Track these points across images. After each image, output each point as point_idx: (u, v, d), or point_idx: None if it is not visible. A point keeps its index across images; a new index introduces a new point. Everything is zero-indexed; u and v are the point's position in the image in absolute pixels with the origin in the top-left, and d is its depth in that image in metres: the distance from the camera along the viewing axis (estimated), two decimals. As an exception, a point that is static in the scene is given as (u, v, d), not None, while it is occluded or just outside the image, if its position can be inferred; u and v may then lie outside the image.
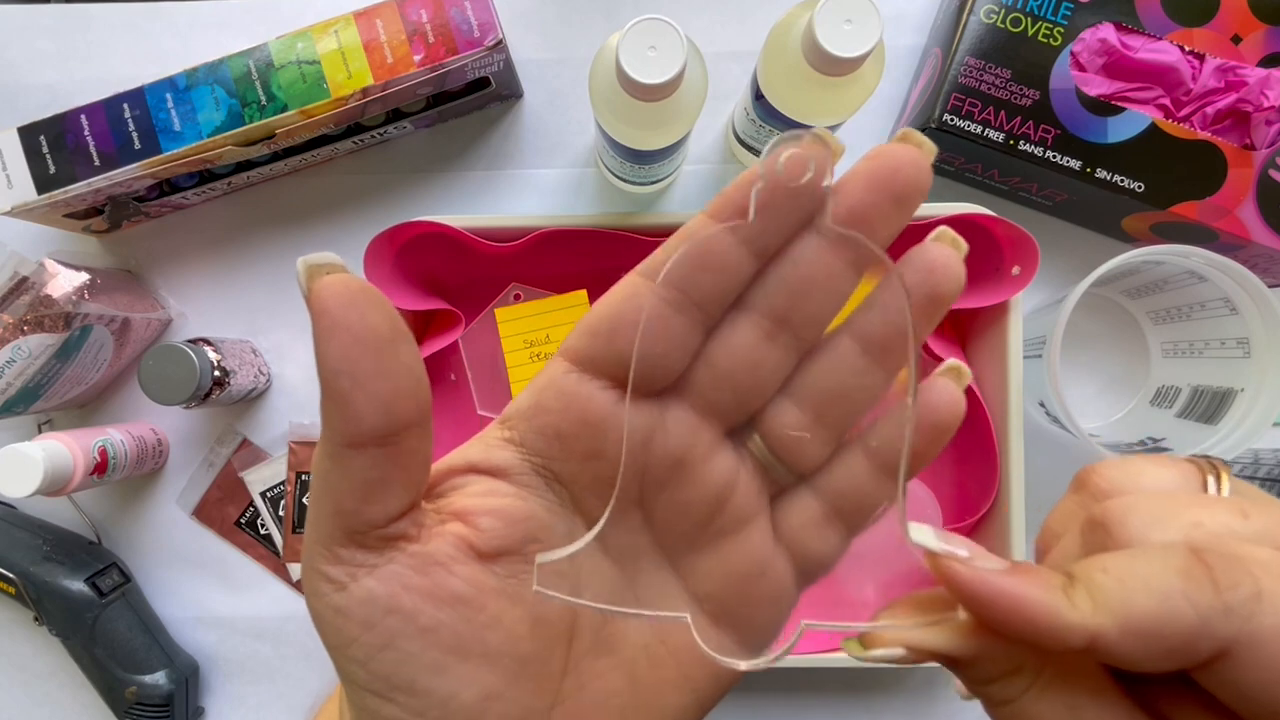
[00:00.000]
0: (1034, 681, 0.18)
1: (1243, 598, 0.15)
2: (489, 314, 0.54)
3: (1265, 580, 0.15)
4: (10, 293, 0.48)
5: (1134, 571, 0.16)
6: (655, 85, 0.38)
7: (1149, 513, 0.18)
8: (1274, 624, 0.15)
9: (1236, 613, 0.15)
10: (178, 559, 0.58)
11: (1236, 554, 0.16)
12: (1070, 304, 0.46)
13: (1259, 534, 0.17)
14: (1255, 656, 0.15)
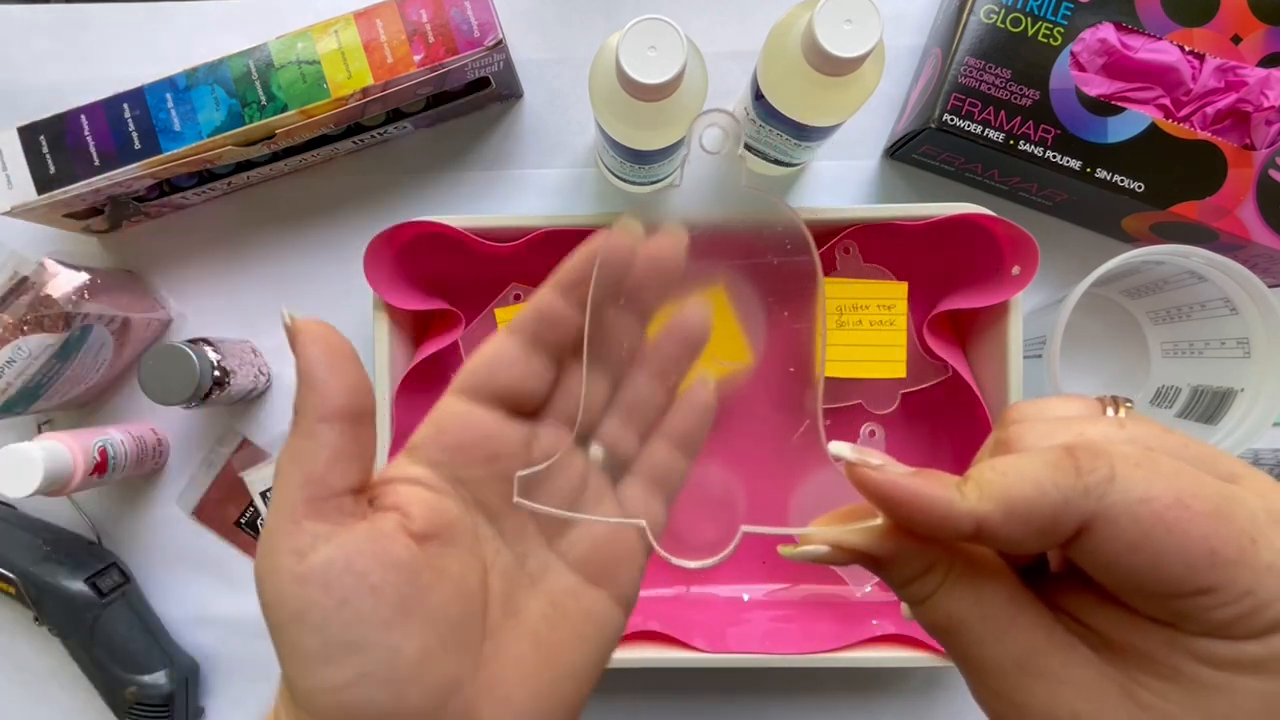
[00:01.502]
0: (945, 578, 0.21)
1: (1098, 479, 0.18)
2: (489, 314, 0.54)
3: (1120, 466, 0.18)
4: (10, 293, 0.48)
5: (1014, 466, 0.19)
6: (655, 85, 0.38)
7: (1043, 430, 0.21)
8: (1124, 500, 0.18)
9: (1093, 492, 0.18)
10: (178, 559, 0.58)
11: (1099, 447, 0.19)
12: (1070, 304, 0.46)
13: (1131, 438, 0.20)
14: (1109, 529, 0.18)
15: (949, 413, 0.54)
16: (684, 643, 0.50)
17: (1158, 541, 0.18)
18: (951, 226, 0.49)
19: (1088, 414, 0.22)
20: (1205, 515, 0.18)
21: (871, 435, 0.54)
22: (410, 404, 0.51)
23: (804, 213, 0.51)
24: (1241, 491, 0.19)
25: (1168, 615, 0.19)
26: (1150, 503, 0.18)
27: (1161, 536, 0.18)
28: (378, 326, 0.50)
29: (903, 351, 0.51)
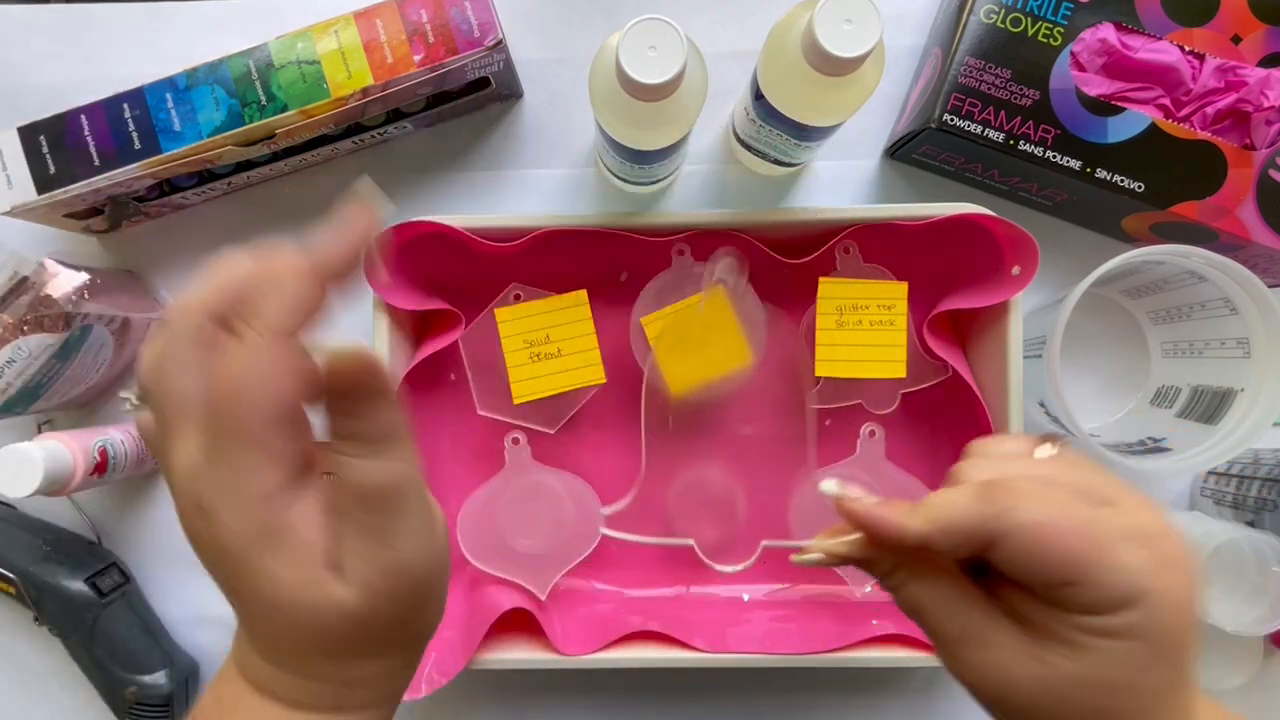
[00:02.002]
0: (911, 574, 0.29)
1: (1002, 509, 0.26)
2: (489, 314, 0.54)
3: (1018, 499, 0.26)
4: (10, 293, 0.48)
5: (949, 497, 0.28)
6: (655, 85, 0.38)
7: (981, 466, 0.30)
8: (1018, 523, 0.26)
9: (998, 518, 0.26)
10: (178, 559, 0.58)
11: (1009, 484, 0.27)
12: (1070, 304, 0.46)
13: (1039, 474, 0.28)
14: (1008, 542, 0.26)
15: (949, 413, 0.54)
16: (684, 643, 0.50)
17: (1039, 550, 0.26)
18: (951, 226, 0.49)
19: (1021, 452, 0.30)
20: (1071, 533, 0.26)
21: (871, 435, 0.54)
22: (410, 404, 0.51)
23: (804, 213, 0.51)
24: (1107, 513, 0.26)
25: (1055, 599, 0.26)
26: (1035, 525, 0.26)
27: (1041, 547, 0.26)
28: (378, 326, 0.50)
29: (903, 351, 0.51)
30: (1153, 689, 0.26)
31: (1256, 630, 0.46)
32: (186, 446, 0.25)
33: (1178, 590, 0.26)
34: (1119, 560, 0.25)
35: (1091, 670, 0.26)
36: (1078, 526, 0.26)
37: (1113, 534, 0.26)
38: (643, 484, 0.54)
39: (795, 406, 0.55)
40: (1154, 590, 0.25)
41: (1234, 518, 0.53)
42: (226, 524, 0.25)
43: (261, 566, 0.25)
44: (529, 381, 0.51)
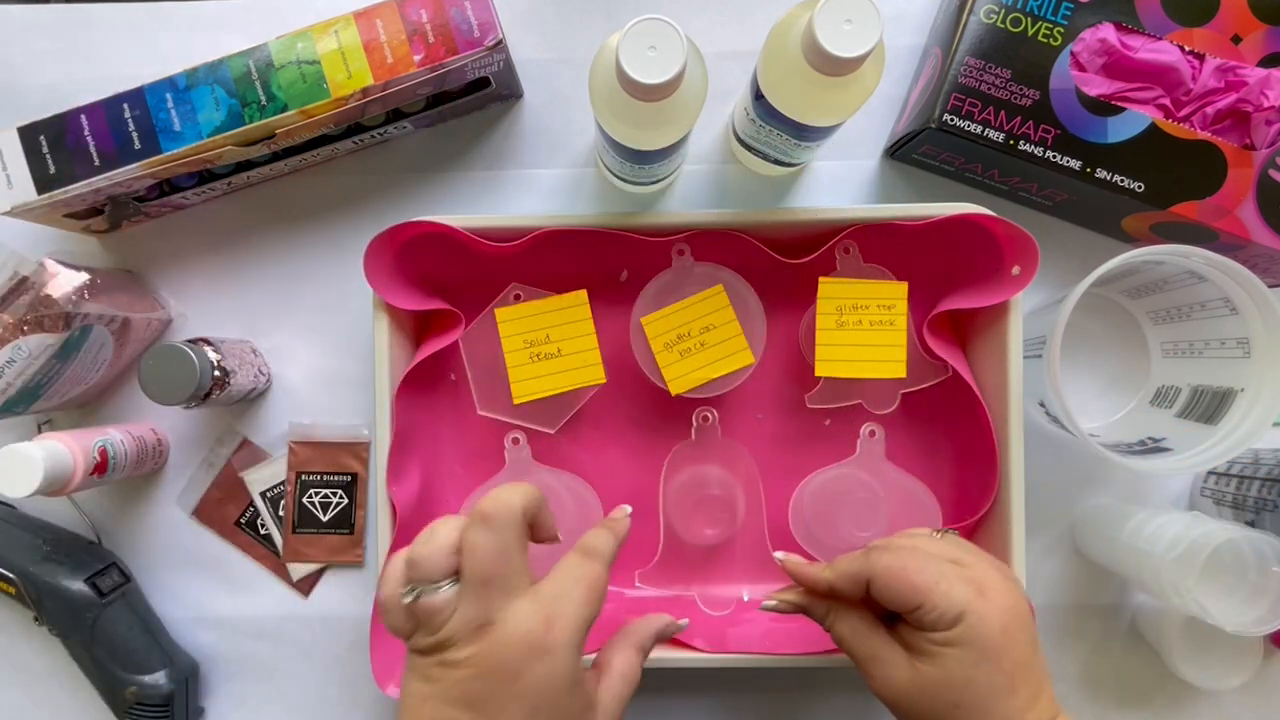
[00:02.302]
0: (837, 616, 0.42)
1: (875, 558, 0.39)
2: (489, 314, 0.54)
3: (884, 552, 0.39)
4: (10, 293, 0.48)
5: (848, 556, 0.41)
6: (655, 85, 0.38)
7: (885, 541, 0.42)
8: (880, 568, 0.38)
9: (872, 564, 0.39)
10: (178, 559, 0.58)
11: (884, 544, 0.41)
12: (1070, 304, 0.46)
13: (905, 544, 0.40)
14: (876, 581, 0.39)
15: (949, 413, 0.54)
16: (684, 643, 0.50)
17: (894, 584, 0.38)
18: (951, 226, 0.49)
19: (919, 533, 0.42)
20: (916, 571, 0.38)
21: (872, 435, 0.54)
22: (410, 404, 0.51)
23: (804, 213, 0.51)
24: (949, 565, 0.38)
25: (914, 622, 0.38)
26: (889, 567, 0.38)
27: (895, 581, 0.38)
28: (378, 326, 0.50)
29: (903, 351, 0.51)
30: (985, 683, 0.36)
31: (1256, 630, 0.46)
32: (522, 612, 0.35)
33: (993, 614, 0.36)
34: (950, 590, 0.37)
35: (941, 672, 0.37)
36: (921, 568, 0.38)
37: (946, 574, 0.38)
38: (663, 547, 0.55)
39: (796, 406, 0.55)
40: (972, 611, 0.36)
41: (1234, 518, 0.53)
42: (557, 673, 0.35)
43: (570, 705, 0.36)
44: (529, 381, 0.51)
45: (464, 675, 0.34)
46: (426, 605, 0.35)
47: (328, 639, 0.58)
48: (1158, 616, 0.54)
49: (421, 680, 0.35)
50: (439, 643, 0.35)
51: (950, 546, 0.40)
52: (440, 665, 0.35)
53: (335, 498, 0.57)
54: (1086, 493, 0.57)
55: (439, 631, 0.35)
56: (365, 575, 0.57)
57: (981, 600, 0.37)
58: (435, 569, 0.35)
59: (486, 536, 0.35)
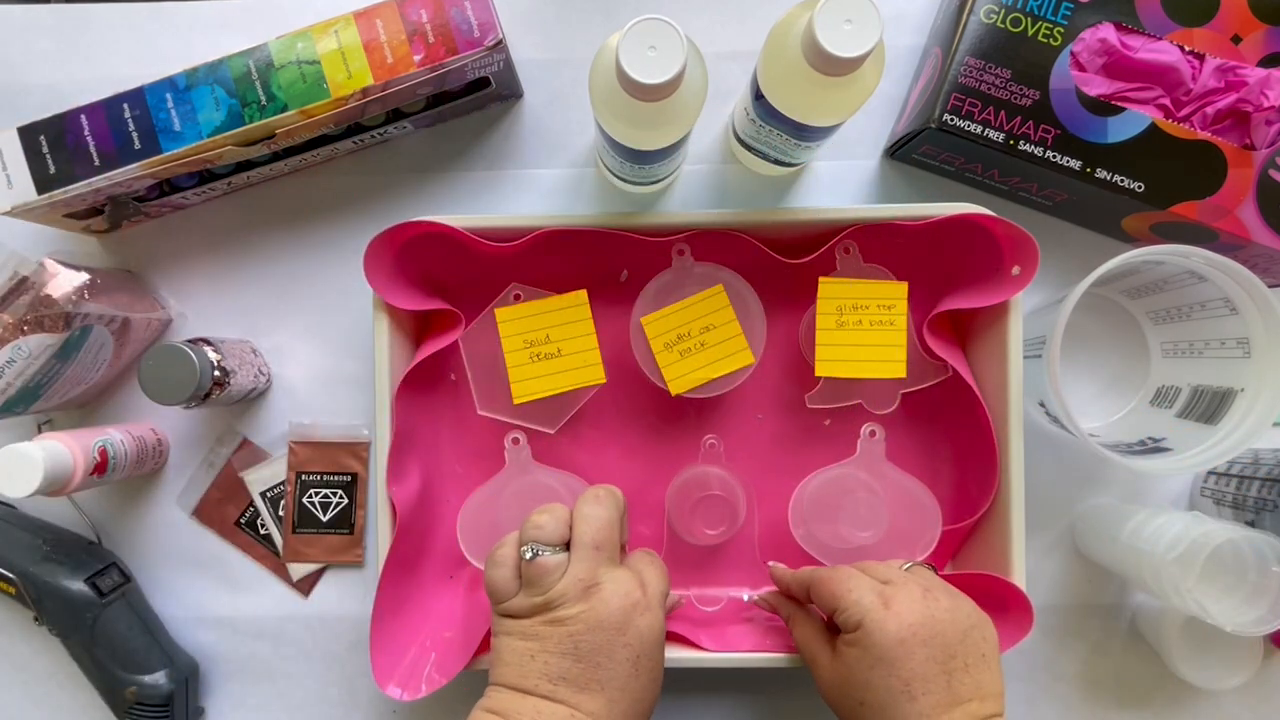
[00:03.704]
0: (795, 621, 0.48)
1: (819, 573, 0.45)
2: (489, 314, 0.54)
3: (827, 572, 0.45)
4: (10, 293, 0.48)
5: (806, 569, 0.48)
6: (655, 85, 0.38)
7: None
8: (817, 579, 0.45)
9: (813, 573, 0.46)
10: (178, 559, 0.58)
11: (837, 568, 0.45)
12: (1070, 304, 0.46)
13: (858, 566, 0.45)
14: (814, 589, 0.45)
15: (949, 413, 0.54)
16: (684, 643, 0.50)
17: (820, 590, 0.44)
18: (951, 226, 0.49)
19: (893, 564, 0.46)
20: (838, 581, 0.43)
21: (872, 435, 0.54)
22: (410, 404, 0.51)
23: (804, 213, 0.51)
24: (870, 580, 0.43)
25: (837, 625, 0.43)
26: (822, 578, 0.44)
27: (822, 588, 0.44)
28: (378, 326, 0.50)
29: (903, 351, 0.51)
30: (881, 686, 0.40)
31: (1256, 630, 0.46)
32: (622, 575, 0.42)
33: (891, 624, 0.40)
34: (860, 599, 0.42)
35: (846, 670, 0.42)
36: (845, 579, 0.43)
37: (861, 586, 0.42)
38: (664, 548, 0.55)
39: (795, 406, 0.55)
40: (870, 619, 0.41)
41: (1234, 518, 0.53)
42: (654, 626, 0.42)
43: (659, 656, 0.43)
44: (529, 381, 0.51)
45: (575, 630, 0.40)
46: (543, 564, 0.41)
47: (328, 639, 0.58)
48: (1158, 616, 0.54)
49: (524, 639, 0.40)
50: (548, 601, 0.40)
51: (889, 570, 0.44)
52: (548, 623, 0.40)
53: (335, 498, 0.57)
54: (1086, 493, 0.57)
55: (549, 590, 0.40)
56: (365, 575, 0.57)
57: (882, 610, 0.41)
58: (554, 534, 0.42)
59: (599, 510, 0.43)
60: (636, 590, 0.41)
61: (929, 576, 0.44)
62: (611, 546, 0.42)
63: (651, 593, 0.42)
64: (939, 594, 0.42)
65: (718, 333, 0.50)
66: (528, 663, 0.40)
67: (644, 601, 0.41)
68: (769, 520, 0.55)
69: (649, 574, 0.43)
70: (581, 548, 0.42)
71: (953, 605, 0.42)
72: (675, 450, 0.55)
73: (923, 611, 0.40)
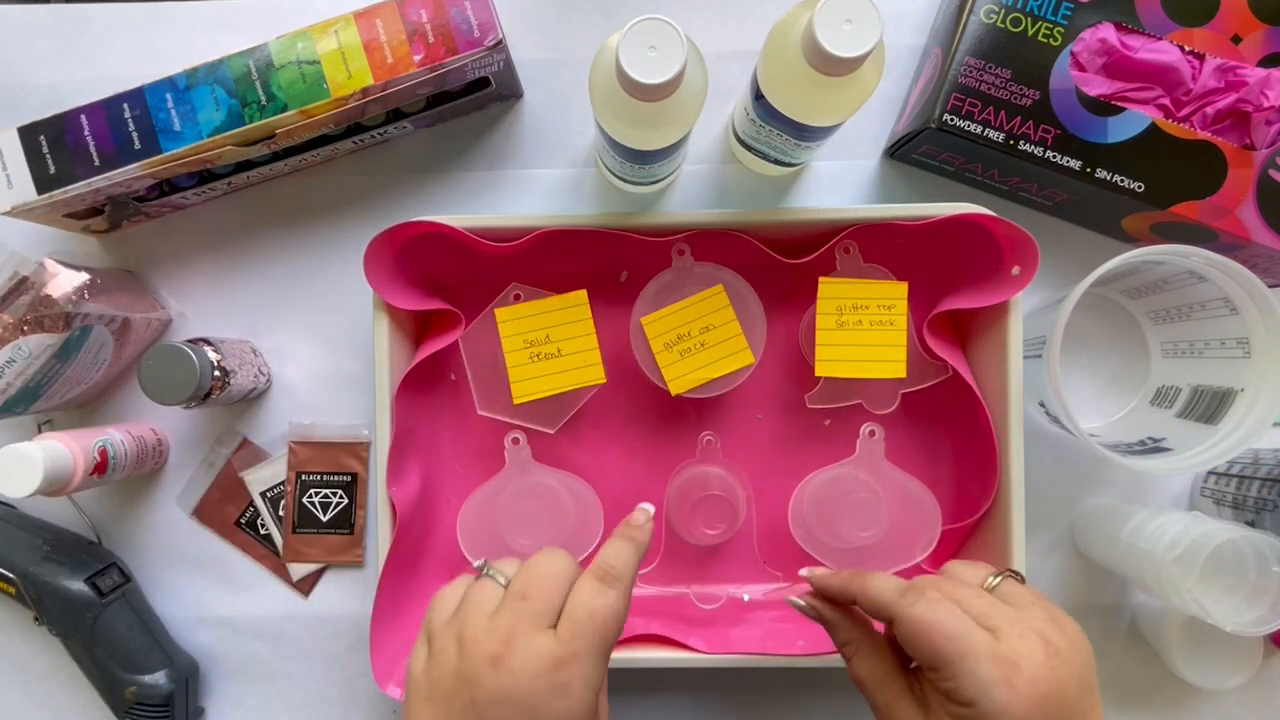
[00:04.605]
0: (860, 650, 0.40)
1: (907, 601, 0.36)
2: (489, 314, 0.54)
3: (920, 601, 0.36)
4: (10, 293, 0.48)
5: (884, 581, 0.39)
6: (655, 85, 0.38)
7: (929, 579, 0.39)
8: (909, 615, 0.36)
9: (903, 609, 0.36)
10: (178, 559, 0.58)
11: (921, 586, 0.37)
12: (1070, 304, 0.46)
13: (948, 596, 0.37)
14: (899, 626, 0.36)
15: (949, 413, 0.54)
16: (684, 644, 0.50)
17: (917, 640, 0.36)
18: (951, 226, 0.49)
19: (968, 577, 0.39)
20: (943, 634, 0.35)
21: (871, 435, 0.54)
22: (410, 404, 0.51)
23: (804, 213, 0.51)
24: (981, 633, 0.35)
25: (932, 679, 0.36)
26: (920, 620, 0.35)
27: (919, 639, 0.35)
28: (378, 326, 0.50)
29: (903, 351, 0.51)
30: None
31: (1256, 630, 0.46)
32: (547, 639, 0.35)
33: (1017, 706, 0.33)
34: (975, 669, 0.34)
35: None
36: (952, 632, 0.35)
37: (976, 646, 0.34)
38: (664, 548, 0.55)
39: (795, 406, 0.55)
40: (992, 700, 0.33)
41: (1234, 518, 0.53)
42: (577, 697, 0.34)
43: None
44: (529, 381, 0.51)
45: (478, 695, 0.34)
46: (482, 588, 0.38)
47: (328, 639, 0.58)
48: (1158, 616, 0.54)
49: (430, 702, 0.35)
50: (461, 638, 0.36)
51: (993, 606, 0.36)
52: (459, 681, 0.35)
53: (335, 498, 0.57)
54: (1086, 493, 0.57)
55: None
56: (365, 575, 0.57)
57: (1005, 690, 0.33)
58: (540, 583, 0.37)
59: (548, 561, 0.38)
60: (559, 659, 0.34)
61: (1034, 607, 0.37)
62: (544, 604, 0.35)
63: (578, 672, 0.34)
64: (1053, 635, 0.35)
65: (718, 333, 0.50)
66: None
67: (566, 679, 0.34)
68: (769, 520, 0.55)
69: (590, 647, 0.35)
70: (510, 592, 0.36)
71: (1070, 649, 0.35)
72: (675, 450, 0.55)
73: (1049, 678, 0.34)
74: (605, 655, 0.36)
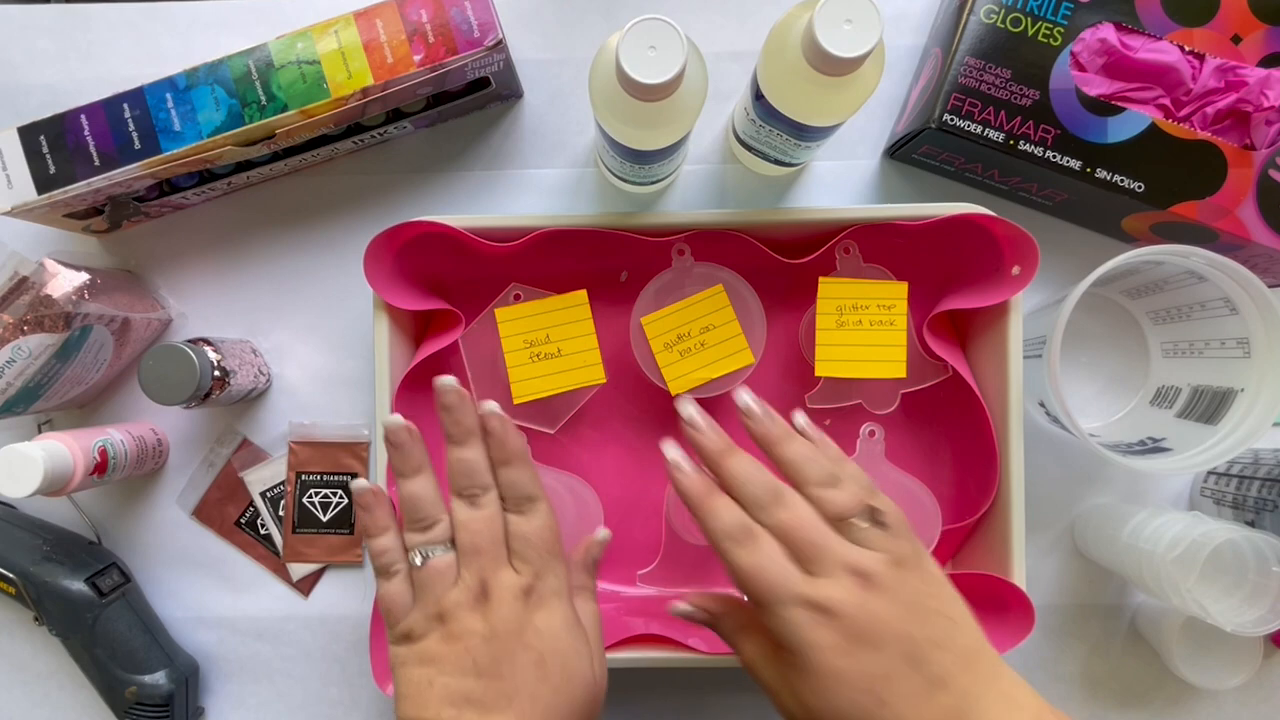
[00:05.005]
0: (743, 635, 0.39)
1: (734, 547, 0.36)
2: (489, 314, 0.54)
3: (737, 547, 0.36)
4: (10, 293, 0.48)
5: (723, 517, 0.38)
6: (655, 85, 0.38)
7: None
8: (733, 563, 0.36)
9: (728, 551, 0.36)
10: (178, 559, 0.58)
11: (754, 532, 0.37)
12: (1070, 304, 0.46)
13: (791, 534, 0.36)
14: (730, 572, 0.36)
15: (949, 413, 0.54)
16: (684, 644, 0.50)
17: (743, 586, 0.36)
18: (951, 226, 0.49)
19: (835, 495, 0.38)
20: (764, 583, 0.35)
21: (871, 435, 0.53)
22: (410, 404, 0.51)
23: (804, 213, 0.51)
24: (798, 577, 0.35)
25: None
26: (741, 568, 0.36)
27: (743, 585, 0.36)
28: (378, 326, 0.50)
29: (903, 351, 0.51)
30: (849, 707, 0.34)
31: (1256, 630, 0.46)
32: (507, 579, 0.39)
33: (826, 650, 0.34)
34: (789, 613, 0.34)
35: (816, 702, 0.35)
36: (770, 579, 0.35)
37: (791, 592, 0.34)
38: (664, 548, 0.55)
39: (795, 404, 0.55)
40: (804, 641, 0.34)
41: (1234, 518, 0.53)
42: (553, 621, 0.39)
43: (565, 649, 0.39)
44: (529, 381, 0.51)
45: (471, 644, 0.37)
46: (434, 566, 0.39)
47: (328, 639, 0.58)
48: (1158, 616, 0.54)
49: (421, 664, 0.37)
50: (443, 613, 0.38)
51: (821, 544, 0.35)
52: (445, 639, 0.38)
53: (335, 498, 0.57)
54: (1086, 493, 0.57)
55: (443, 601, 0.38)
56: (365, 575, 0.57)
57: (815, 631, 0.34)
58: (442, 532, 0.40)
59: (472, 512, 0.40)
60: (527, 586, 0.38)
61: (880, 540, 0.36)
62: (494, 546, 0.39)
63: (546, 586, 0.39)
64: (875, 568, 0.35)
65: (718, 333, 0.50)
66: (426, 691, 0.37)
67: (539, 596, 0.39)
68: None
69: (543, 564, 0.39)
70: (463, 554, 0.39)
71: (896, 580, 0.35)
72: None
73: (861, 615, 0.34)
74: (561, 562, 0.40)
